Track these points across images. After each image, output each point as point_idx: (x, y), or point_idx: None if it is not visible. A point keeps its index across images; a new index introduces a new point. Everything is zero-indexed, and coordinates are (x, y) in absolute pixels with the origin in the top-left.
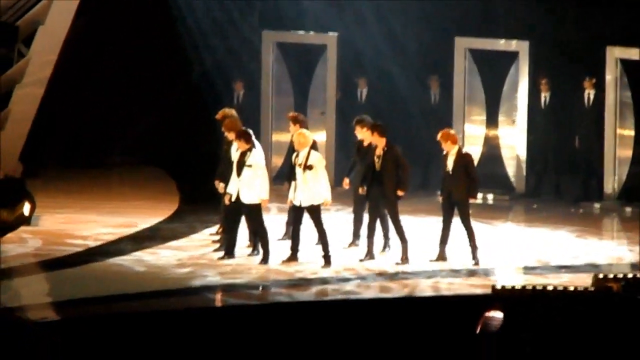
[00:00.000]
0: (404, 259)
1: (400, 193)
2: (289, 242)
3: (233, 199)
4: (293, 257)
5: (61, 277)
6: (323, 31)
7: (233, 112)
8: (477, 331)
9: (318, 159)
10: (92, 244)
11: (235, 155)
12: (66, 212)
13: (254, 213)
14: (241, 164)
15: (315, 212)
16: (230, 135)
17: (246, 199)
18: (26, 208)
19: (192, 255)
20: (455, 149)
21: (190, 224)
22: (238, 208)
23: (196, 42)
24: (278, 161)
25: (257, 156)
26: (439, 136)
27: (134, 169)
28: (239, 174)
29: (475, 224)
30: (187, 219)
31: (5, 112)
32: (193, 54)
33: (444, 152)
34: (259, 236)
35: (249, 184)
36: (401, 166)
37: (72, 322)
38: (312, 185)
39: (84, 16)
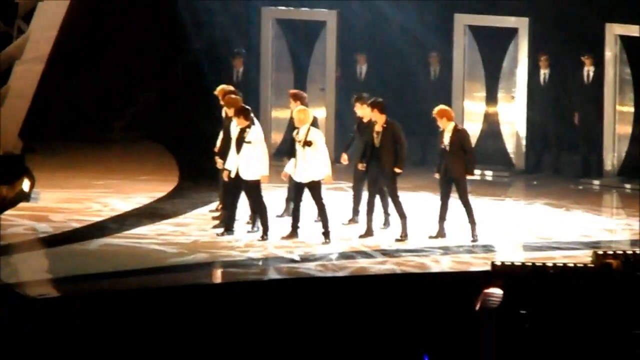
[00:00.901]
0: (404, 236)
1: (397, 170)
2: (288, 219)
3: (232, 175)
4: (293, 233)
5: (60, 254)
6: (323, 7)
7: (232, 88)
8: (477, 307)
9: (318, 135)
10: (91, 220)
11: (234, 131)
12: (66, 189)
13: (253, 189)
14: (240, 140)
15: (315, 188)
16: (230, 112)
17: (246, 176)
18: (25, 184)
19: (192, 231)
20: (452, 125)
21: (190, 200)
22: (237, 184)
23: (195, 18)
24: (278, 138)
25: (256, 132)
26: (434, 112)
27: (134, 144)
28: (238, 151)
29: (474, 200)
30: (187, 195)
31: (4, 88)
32: (192, 29)
33: (440, 129)
34: (258, 212)
35: (248, 160)
36: (399, 143)
37: (71, 299)
38: (312, 161)
39: None
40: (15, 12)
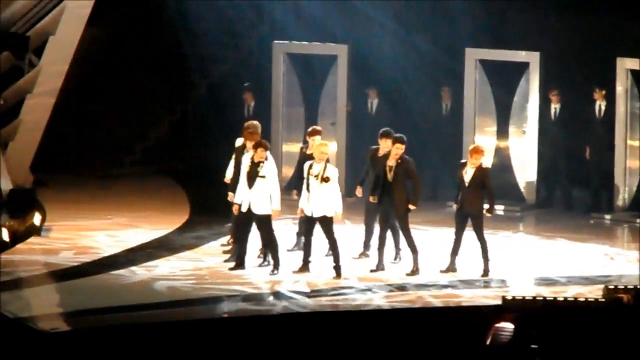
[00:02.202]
0: (415, 270)
1: (411, 207)
2: (299, 253)
3: (243, 210)
4: (304, 267)
5: (71, 288)
6: (334, 42)
7: (256, 123)
8: (487, 342)
9: (335, 172)
10: (102, 254)
11: (245, 165)
12: (76, 223)
13: (265, 224)
14: (254, 174)
15: (327, 223)
16: (249, 145)
17: (258, 210)
18: (36, 218)
19: (203, 266)
20: (479, 162)
21: (200, 234)
22: (248, 218)
23: (206, 54)
24: (288, 172)
25: (270, 167)
26: (471, 149)
27: (144, 179)
28: (250, 185)
29: (486, 234)
30: (198, 229)
31: (16, 122)
32: (204, 64)
33: (462, 162)
34: (269, 247)
35: (261, 195)
36: (413, 179)
37: (82, 333)
38: (327, 196)
39: (95, 27)
40: (26, 46)
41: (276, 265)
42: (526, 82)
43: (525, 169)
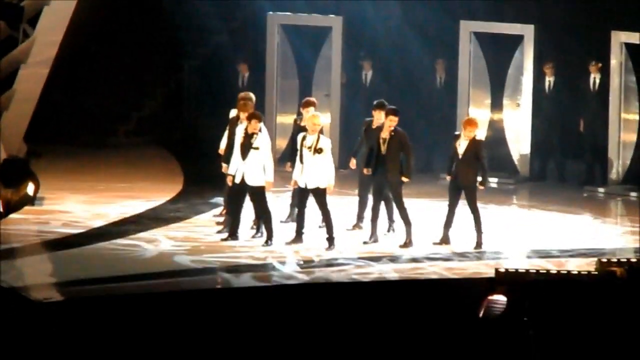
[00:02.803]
0: (408, 242)
1: (404, 179)
2: (292, 224)
3: (237, 181)
4: (298, 238)
5: (65, 258)
6: (329, 13)
7: (251, 95)
8: (480, 314)
9: (328, 143)
10: (95, 224)
11: (239, 136)
12: (70, 193)
13: (259, 195)
14: (247, 145)
15: (321, 194)
16: (243, 116)
17: (251, 181)
18: (30, 188)
19: (196, 237)
20: (473, 134)
21: (194, 205)
22: (241, 190)
23: (201, 24)
24: (282, 143)
25: (264, 139)
26: (465, 121)
27: (138, 149)
28: (243, 156)
29: (479, 207)
30: (191, 200)
31: (10, 92)
32: (198, 35)
33: (456, 134)
34: (262, 218)
35: (254, 166)
36: (406, 152)
37: (75, 303)
38: (320, 168)
39: None
40: (21, 16)
41: (269, 237)
42: (521, 55)
43: (519, 142)
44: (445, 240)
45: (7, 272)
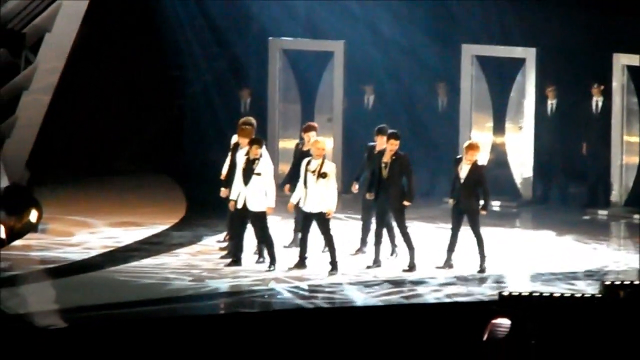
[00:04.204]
0: (411, 266)
1: (406, 203)
2: (295, 249)
3: (239, 206)
4: (301, 263)
5: (68, 285)
6: (330, 38)
7: (252, 120)
8: (484, 338)
9: (332, 168)
10: (98, 251)
11: (240, 161)
12: (73, 219)
13: (260, 220)
14: (249, 171)
15: (324, 219)
16: (243, 142)
17: (252, 207)
18: (33, 215)
19: (199, 262)
20: (474, 159)
21: (197, 230)
22: (244, 215)
23: (203, 51)
24: (284, 168)
25: (266, 164)
26: (467, 145)
27: (141, 176)
28: (245, 181)
29: (482, 230)
30: (194, 226)
31: (12, 119)
32: (200, 61)
33: (458, 158)
34: (264, 243)
35: (256, 191)
36: (407, 176)
37: (79, 329)
38: (324, 193)
39: (91, 24)
40: (22, 43)
41: (272, 262)
42: (523, 78)
43: (522, 165)
44: (448, 264)
45: (11, 299)
